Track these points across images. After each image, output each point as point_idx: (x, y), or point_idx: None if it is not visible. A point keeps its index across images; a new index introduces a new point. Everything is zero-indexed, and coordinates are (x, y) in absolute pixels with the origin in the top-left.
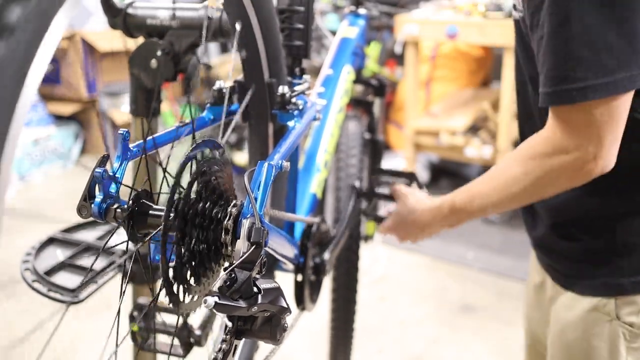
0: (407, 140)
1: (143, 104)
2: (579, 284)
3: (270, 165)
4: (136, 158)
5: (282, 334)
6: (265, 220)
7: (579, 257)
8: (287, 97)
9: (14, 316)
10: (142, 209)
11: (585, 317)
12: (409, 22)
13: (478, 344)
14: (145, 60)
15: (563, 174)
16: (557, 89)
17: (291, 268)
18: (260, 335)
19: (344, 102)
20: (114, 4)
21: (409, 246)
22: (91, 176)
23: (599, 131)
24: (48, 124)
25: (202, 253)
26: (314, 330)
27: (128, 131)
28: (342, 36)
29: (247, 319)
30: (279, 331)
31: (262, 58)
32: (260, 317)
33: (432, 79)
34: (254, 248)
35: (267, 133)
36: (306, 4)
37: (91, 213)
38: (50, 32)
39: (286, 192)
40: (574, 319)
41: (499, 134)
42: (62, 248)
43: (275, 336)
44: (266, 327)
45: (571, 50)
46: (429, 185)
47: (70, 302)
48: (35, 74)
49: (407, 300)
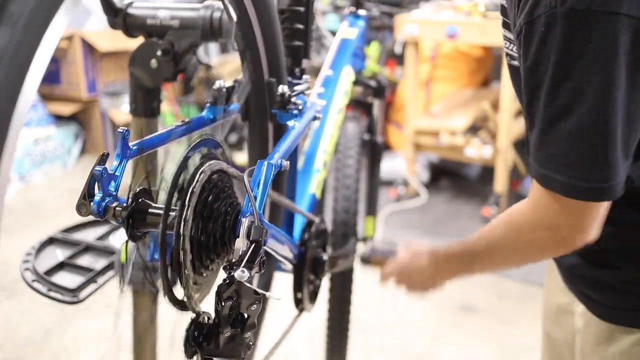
0: (407, 140)
1: (143, 104)
2: (622, 316)
3: (269, 164)
4: (135, 157)
5: (246, 352)
6: (264, 219)
7: (620, 286)
8: (286, 97)
9: (14, 316)
10: (142, 207)
11: (629, 351)
12: (409, 22)
13: (478, 344)
14: (145, 60)
15: (543, 249)
16: (554, 176)
17: (290, 268)
18: (224, 354)
19: (343, 103)
20: (114, 3)
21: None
22: (90, 174)
23: (588, 221)
24: (48, 124)
25: (202, 251)
26: (314, 329)
27: (127, 129)
28: (342, 37)
29: (210, 337)
30: (243, 349)
31: (262, 57)
32: (223, 336)
33: (432, 79)
34: (253, 246)
35: (267, 132)
36: (306, 4)
37: (90, 211)
38: (50, 30)
39: (286, 192)
40: (615, 353)
41: (499, 134)
42: (62, 248)
43: (240, 355)
44: (230, 346)
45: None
46: (429, 185)
47: (71, 302)
48: (36, 72)
49: (407, 300)
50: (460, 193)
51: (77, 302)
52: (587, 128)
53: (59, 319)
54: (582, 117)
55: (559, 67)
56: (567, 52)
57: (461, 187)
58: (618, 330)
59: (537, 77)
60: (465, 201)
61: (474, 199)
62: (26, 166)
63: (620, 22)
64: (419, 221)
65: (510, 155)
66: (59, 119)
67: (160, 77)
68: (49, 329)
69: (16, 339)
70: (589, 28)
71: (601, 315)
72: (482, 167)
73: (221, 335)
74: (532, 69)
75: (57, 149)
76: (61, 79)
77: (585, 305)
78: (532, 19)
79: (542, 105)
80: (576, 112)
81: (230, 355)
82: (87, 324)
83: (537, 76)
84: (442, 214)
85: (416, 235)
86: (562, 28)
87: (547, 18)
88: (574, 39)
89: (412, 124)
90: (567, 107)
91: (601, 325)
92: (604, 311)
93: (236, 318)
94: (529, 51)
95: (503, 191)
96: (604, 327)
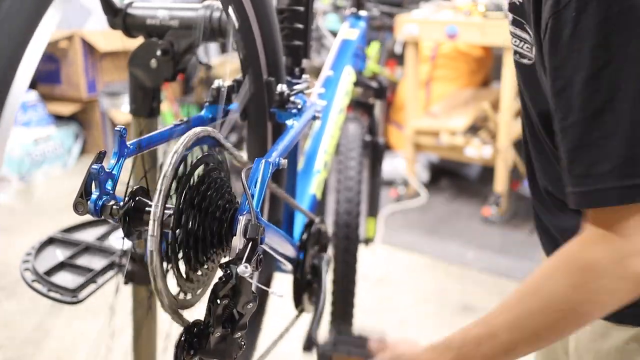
0: (407, 140)
1: (143, 103)
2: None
3: (267, 162)
4: (133, 155)
5: (237, 352)
6: (262, 217)
7: None
8: (285, 96)
9: (14, 316)
10: (138, 206)
11: (623, 348)
12: (409, 22)
13: None
14: (145, 60)
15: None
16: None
17: (290, 269)
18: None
19: (344, 103)
20: (114, 3)
21: (409, 246)
22: (88, 172)
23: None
24: (48, 124)
25: (198, 249)
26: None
27: (125, 128)
28: (343, 38)
29: (201, 336)
30: (234, 350)
31: (261, 57)
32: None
33: (432, 79)
34: (250, 244)
35: (266, 132)
36: (306, 4)
37: (87, 210)
38: (40, 27)
39: (286, 192)
40: (610, 349)
41: (499, 134)
42: (62, 248)
43: (231, 355)
44: (221, 346)
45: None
46: (429, 185)
47: (70, 302)
48: (26, 69)
49: (407, 301)
50: (460, 193)
51: (76, 302)
52: (638, 113)
53: (59, 319)
54: (630, 102)
55: (598, 51)
56: (605, 34)
57: (461, 187)
58: (612, 327)
59: (570, 71)
60: (465, 201)
61: (474, 199)
62: (26, 166)
63: None
64: (419, 221)
65: (510, 155)
66: (59, 119)
67: (159, 77)
68: (49, 329)
69: (16, 339)
70: (624, 5)
71: None
72: (482, 167)
73: (212, 335)
74: (563, 63)
75: (57, 149)
76: (61, 79)
77: None
78: (559, 8)
79: (578, 102)
80: (623, 99)
81: (221, 356)
82: (87, 324)
83: (569, 71)
84: (442, 214)
85: (416, 235)
86: (596, 9)
87: (578, 3)
88: (610, 19)
89: (412, 124)
90: (612, 94)
91: (595, 322)
92: None
93: (228, 318)
94: (559, 45)
95: (503, 191)
96: (598, 324)
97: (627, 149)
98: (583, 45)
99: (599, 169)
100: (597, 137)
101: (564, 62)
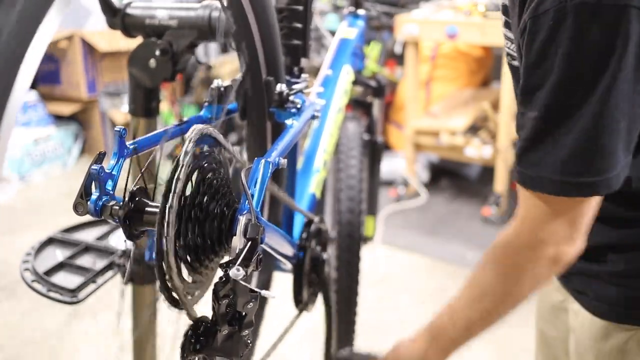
0: (407, 140)
1: (142, 103)
2: (616, 313)
3: (267, 162)
4: (133, 155)
5: (244, 350)
6: (262, 217)
7: (617, 281)
8: (284, 95)
9: (14, 316)
10: (139, 206)
11: (624, 348)
12: (409, 22)
13: (478, 343)
14: (144, 60)
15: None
16: (547, 175)
17: (290, 268)
18: (222, 351)
19: (343, 102)
20: (113, 3)
21: (409, 246)
22: (87, 173)
23: (579, 225)
24: (48, 124)
25: (198, 250)
26: (314, 329)
27: (124, 128)
28: (342, 37)
29: (208, 334)
30: (241, 347)
31: (260, 56)
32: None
33: (432, 79)
34: (250, 244)
35: (265, 131)
36: (305, 3)
37: (87, 210)
38: (42, 28)
39: (285, 192)
40: (611, 349)
41: (499, 134)
42: (61, 248)
43: (238, 353)
44: (228, 344)
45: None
46: (429, 185)
47: (70, 302)
48: (26, 73)
49: (407, 301)
50: (460, 193)
51: (76, 303)
52: (593, 121)
53: (59, 319)
54: (590, 110)
55: (569, 61)
56: (578, 46)
57: (461, 187)
58: (613, 327)
59: (540, 74)
60: (465, 201)
61: (474, 199)
62: (26, 166)
63: (632, 14)
64: (419, 221)
65: (510, 155)
66: (59, 119)
67: (159, 77)
68: (49, 329)
69: (16, 339)
70: (600, 21)
71: (595, 313)
72: (482, 167)
73: (219, 333)
74: (535, 65)
75: (57, 149)
76: (61, 79)
77: (580, 303)
78: (537, 13)
79: (543, 101)
80: (585, 105)
81: (228, 354)
82: (87, 324)
83: (540, 73)
84: (442, 214)
85: (416, 235)
86: (572, 22)
87: (556, 12)
88: (585, 32)
89: (412, 124)
90: (576, 101)
91: (596, 323)
92: (598, 308)
93: (233, 316)
94: (533, 47)
95: (503, 191)
96: (598, 324)
97: (577, 151)
98: (556, 53)
99: (548, 160)
100: (555, 134)
101: (536, 64)
